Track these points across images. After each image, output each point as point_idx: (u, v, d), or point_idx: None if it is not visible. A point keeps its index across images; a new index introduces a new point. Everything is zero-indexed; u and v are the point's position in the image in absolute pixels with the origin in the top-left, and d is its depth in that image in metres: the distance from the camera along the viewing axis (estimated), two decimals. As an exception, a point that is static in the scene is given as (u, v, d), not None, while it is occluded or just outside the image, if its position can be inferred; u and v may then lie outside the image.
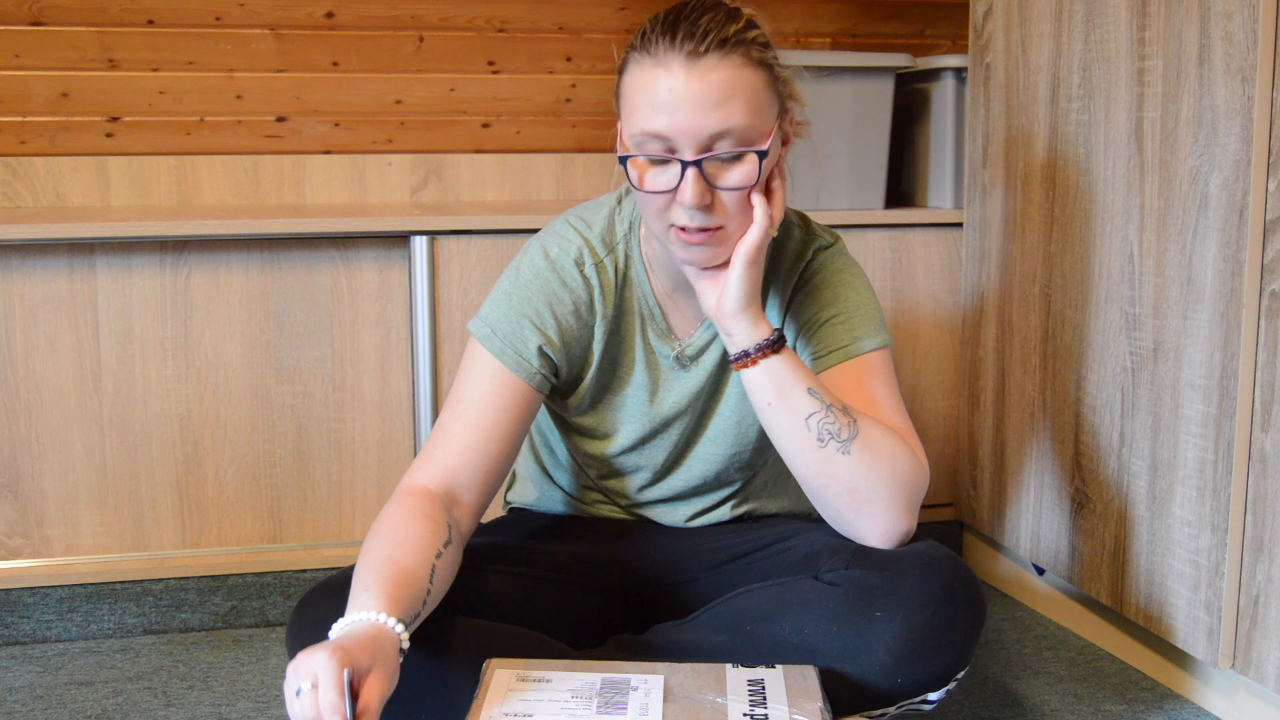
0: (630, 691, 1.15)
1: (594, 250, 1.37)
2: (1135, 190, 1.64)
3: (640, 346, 1.40)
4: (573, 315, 1.36)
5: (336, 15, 2.32)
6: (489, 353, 1.32)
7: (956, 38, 2.57)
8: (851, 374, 1.34)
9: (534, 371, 1.33)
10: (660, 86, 1.19)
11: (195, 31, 2.26)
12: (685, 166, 1.20)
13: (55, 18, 2.21)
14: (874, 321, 1.37)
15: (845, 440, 1.25)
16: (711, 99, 1.19)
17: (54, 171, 2.22)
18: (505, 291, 1.36)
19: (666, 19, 1.22)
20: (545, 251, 1.37)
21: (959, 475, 2.15)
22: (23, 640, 1.89)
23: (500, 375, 1.32)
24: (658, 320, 1.40)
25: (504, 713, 1.12)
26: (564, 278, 1.35)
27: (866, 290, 1.39)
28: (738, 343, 1.27)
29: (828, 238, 1.42)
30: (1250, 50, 1.42)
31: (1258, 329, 1.45)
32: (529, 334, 1.33)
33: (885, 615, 1.21)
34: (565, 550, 1.45)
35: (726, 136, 1.20)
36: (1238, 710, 1.57)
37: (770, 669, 1.21)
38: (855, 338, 1.35)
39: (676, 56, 1.19)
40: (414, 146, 2.38)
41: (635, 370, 1.40)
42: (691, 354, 1.40)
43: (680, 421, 1.42)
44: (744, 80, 1.20)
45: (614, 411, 1.41)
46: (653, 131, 1.20)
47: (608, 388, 1.41)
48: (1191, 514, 1.56)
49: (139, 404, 1.91)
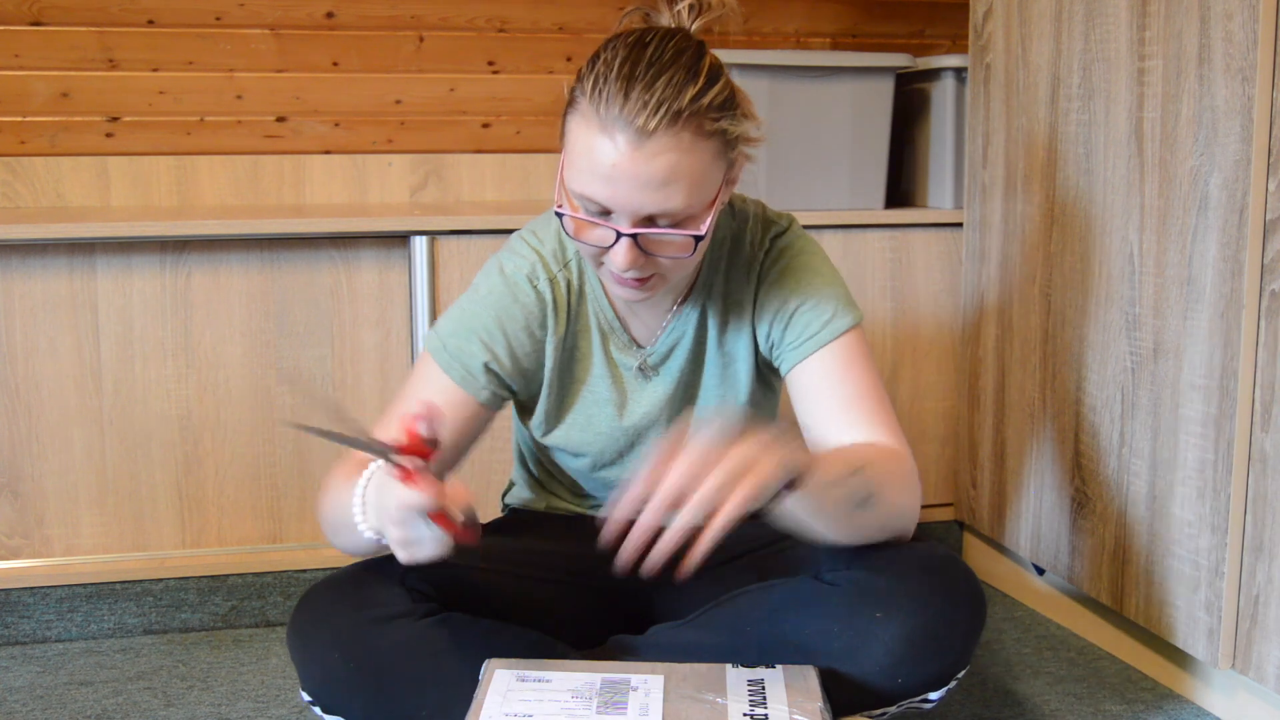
0: (630, 691, 1.15)
1: (547, 265, 1.36)
2: (1135, 190, 1.64)
3: (602, 361, 1.39)
4: (524, 332, 1.35)
5: (336, 15, 2.32)
6: (438, 366, 1.34)
7: (956, 38, 2.57)
8: (829, 364, 1.33)
9: (480, 387, 1.33)
10: (603, 158, 1.14)
11: (195, 31, 2.26)
12: (619, 236, 1.18)
13: (55, 18, 2.21)
14: (840, 300, 1.35)
15: (866, 499, 1.22)
16: (655, 181, 1.15)
17: (54, 171, 2.22)
18: (460, 308, 1.36)
19: (621, 71, 1.15)
20: (500, 267, 1.37)
21: (959, 475, 2.15)
22: (23, 640, 1.89)
23: (449, 388, 1.33)
24: (618, 333, 1.38)
25: (504, 713, 1.12)
26: (516, 294, 1.35)
27: (829, 270, 1.38)
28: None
29: (782, 222, 1.40)
30: (1250, 50, 1.42)
31: (1258, 329, 1.45)
32: (477, 350, 1.33)
33: (885, 616, 1.21)
34: (563, 550, 1.45)
35: (665, 216, 1.17)
36: (1238, 710, 1.57)
37: (770, 669, 1.21)
38: (825, 322, 1.34)
39: (624, 131, 1.13)
40: (414, 146, 2.38)
41: (599, 385, 1.39)
42: (655, 362, 1.39)
43: (655, 431, 1.41)
44: (690, 161, 1.16)
45: (581, 430, 1.40)
46: (590, 197, 1.17)
47: (570, 405, 1.40)
48: (1191, 514, 1.56)
49: (139, 404, 1.91)
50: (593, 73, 1.17)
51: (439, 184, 2.38)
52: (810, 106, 2.08)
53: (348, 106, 2.34)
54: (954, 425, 2.15)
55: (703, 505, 1.01)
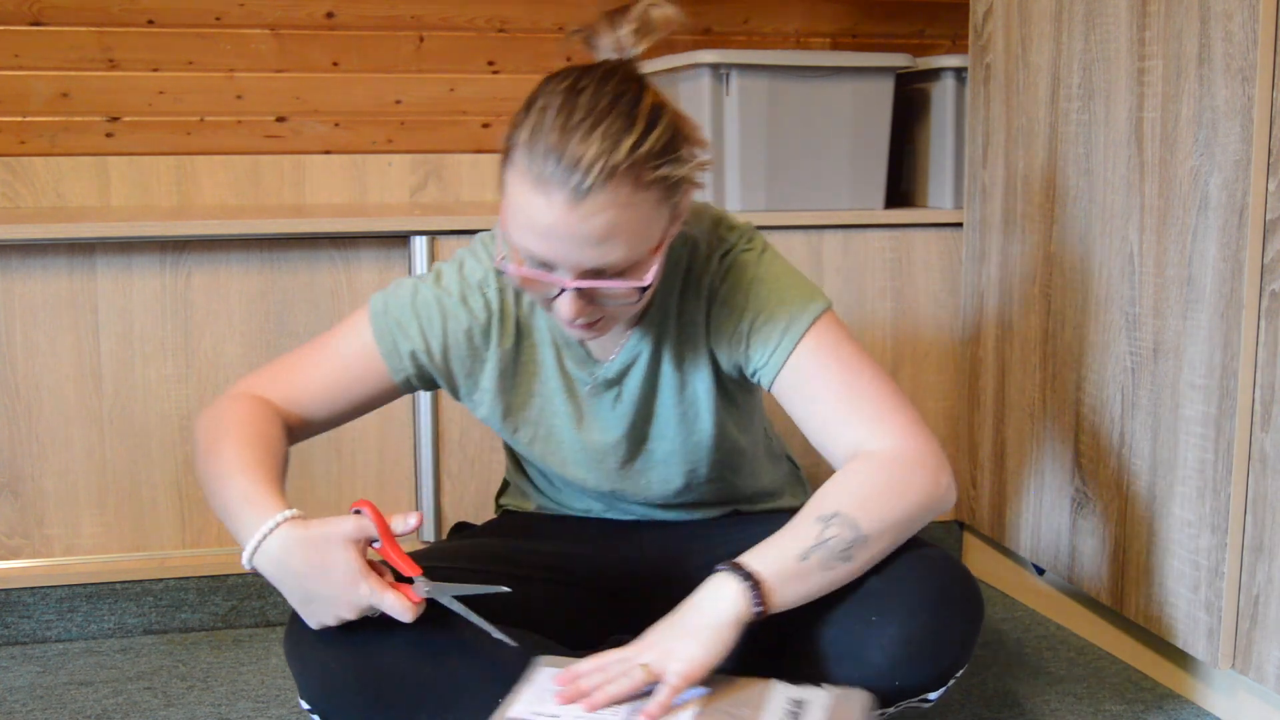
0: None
1: (499, 276, 1.34)
2: (1135, 190, 1.64)
3: (557, 375, 1.36)
4: (464, 337, 1.33)
5: (336, 15, 2.32)
6: (371, 330, 1.33)
7: (956, 38, 2.57)
8: (803, 367, 1.29)
9: (400, 369, 1.33)
10: (540, 216, 1.12)
11: (195, 31, 2.27)
12: (562, 290, 1.17)
13: (55, 18, 2.22)
14: (793, 300, 1.30)
15: (849, 550, 1.21)
16: (593, 238, 1.12)
17: (54, 171, 2.22)
18: (416, 287, 1.35)
19: (555, 123, 1.12)
20: (460, 266, 1.35)
21: (959, 475, 2.15)
22: (23, 640, 1.89)
23: (371, 353, 1.33)
24: (574, 347, 1.35)
25: (534, 711, 1.12)
26: (466, 297, 1.33)
27: (777, 273, 1.32)
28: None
29: (730, 238, 1.35)
30: (1250, 50, 1.42)
31: (1258, 329, 1.45)
32: (413, 334, 1.32)
33: (882, 619, 1.21)
34: (560, 551, 1.44)
35: (607, 269, 1.16)
36: (1238, 710, 1.57)
37: (819, 689, 1.18)
38: (783, 330, 1.29)
39: (559, 190, 1.10)
40: (414, 146, 2.38)
41: (554, 399, 1.37)
42: (610, 378, 1.36)
43: (618, 451, 1.39)
44: (629, 215, 1.13)
45: (544, 442, 1.39)
46: (530, 251, 1.16)
47: (525, 416, 1.38)
48: (1191, 514, 1.56)
49: (139, 404, 1.91)
50: (527, 124, 1.14)
51: (439, 184, 2.38)
52: (810, 106, 2.08)
53: (348, 106, 2.34)
54: (954, 425, 2.16)
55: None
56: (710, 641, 1.14)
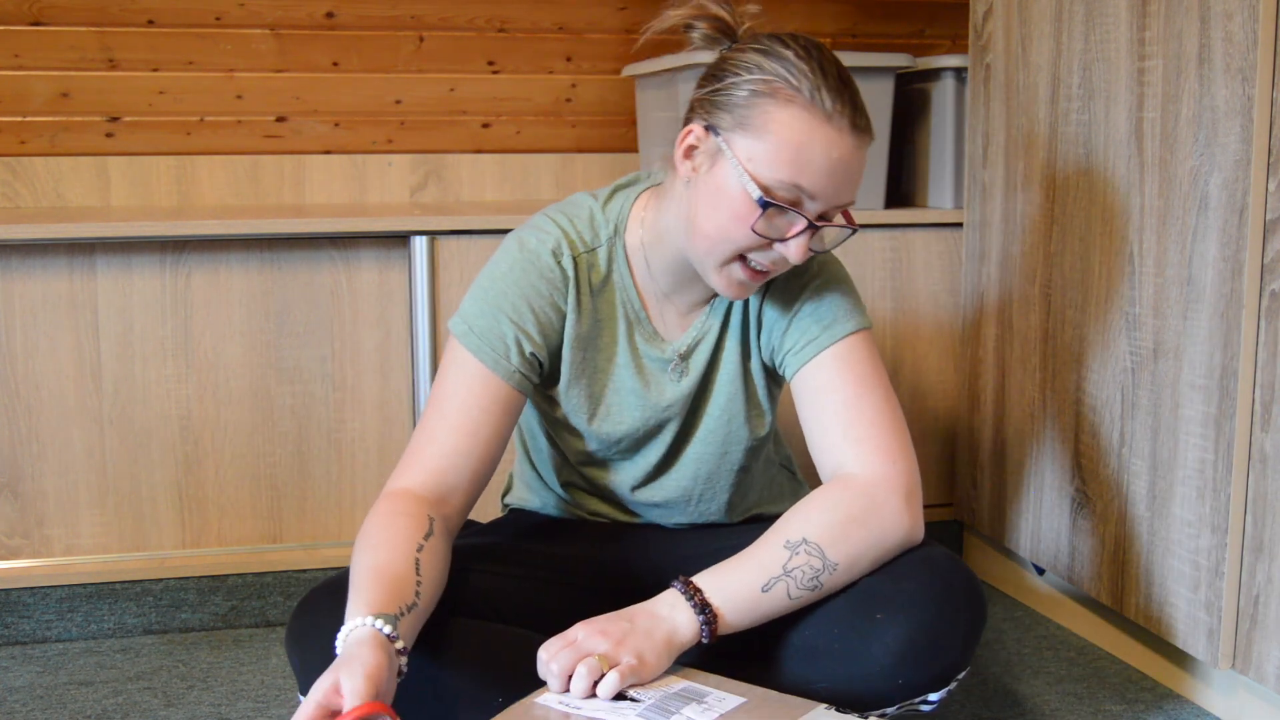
0: (688, 703, 1.13)
1: (573, 244, 1.35)
2: (1135, 190, 1.64)
3: (626, 350, 1.39)
4: (550, 306, 1.34)
5: (336, 15, 2.32)
6: (467, 351, 1.31)
7: (956, 38, 2.57)
8: (829, 368, 1.33)
9: (513, 370, 1.31)
10: (827, 148, 1.21)
11: (195, 31, 2.27)
12: (810, 227, 1.23)
13: (55, 18, 2.21)
14: (845, 306, 1.36)
15: (816, 578, 1.23)
16: (855, 175, 1.24)
17: (54, 171, 2.22)
18: (482, 287, 1.34)
19: (836, 73, 1.23)
20: (521, 243, 1.35)
21: (959, 475, 2.15)
22: (23, 640, 1.89)
23: (481, 375, 1.30)
24: (644, 324, 1.39)
25: (559, 700, 1.12)
26: (540, 268, 1.33)
27: (839, 277, 1.39)
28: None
29: None
30: (1250, 50, 1.42)
31: (1258, 329, 1.45)
32: (506, 329, 1.31)
33: (886, 617, 1.21)
34: (564, 552, 1.44)
35: (843, 209, 1.27)
36: (1238, 710, 1.57)
37: (863, 718, 1.17)
38: (826, 326, 1.34)
39: (849, 125, 1.22)
40: (414, 146, 2.38)
41: (623, 374, 1.39)
42: (682, 354, 1.40)
43: (672, 423, 1.41)
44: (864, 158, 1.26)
45: (603, 420, 1.40)
46: (801, 185, 1.21)
47: (591, 392, 1.39)
48: (1191, 514, 1.56)
49: (139, 404, 1.91)
50: (796, 69, 1.22)
51: (439, 184, 2.38)
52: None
53: (348, 106, 2.34)
54: (954, 425, 2.15)
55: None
56: (661, 655, 1.19)
